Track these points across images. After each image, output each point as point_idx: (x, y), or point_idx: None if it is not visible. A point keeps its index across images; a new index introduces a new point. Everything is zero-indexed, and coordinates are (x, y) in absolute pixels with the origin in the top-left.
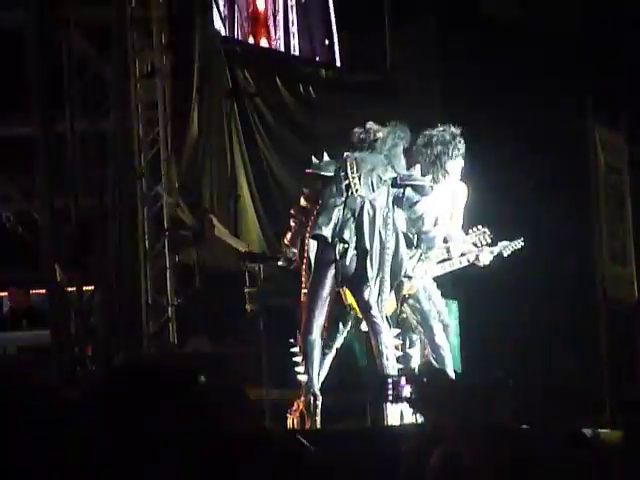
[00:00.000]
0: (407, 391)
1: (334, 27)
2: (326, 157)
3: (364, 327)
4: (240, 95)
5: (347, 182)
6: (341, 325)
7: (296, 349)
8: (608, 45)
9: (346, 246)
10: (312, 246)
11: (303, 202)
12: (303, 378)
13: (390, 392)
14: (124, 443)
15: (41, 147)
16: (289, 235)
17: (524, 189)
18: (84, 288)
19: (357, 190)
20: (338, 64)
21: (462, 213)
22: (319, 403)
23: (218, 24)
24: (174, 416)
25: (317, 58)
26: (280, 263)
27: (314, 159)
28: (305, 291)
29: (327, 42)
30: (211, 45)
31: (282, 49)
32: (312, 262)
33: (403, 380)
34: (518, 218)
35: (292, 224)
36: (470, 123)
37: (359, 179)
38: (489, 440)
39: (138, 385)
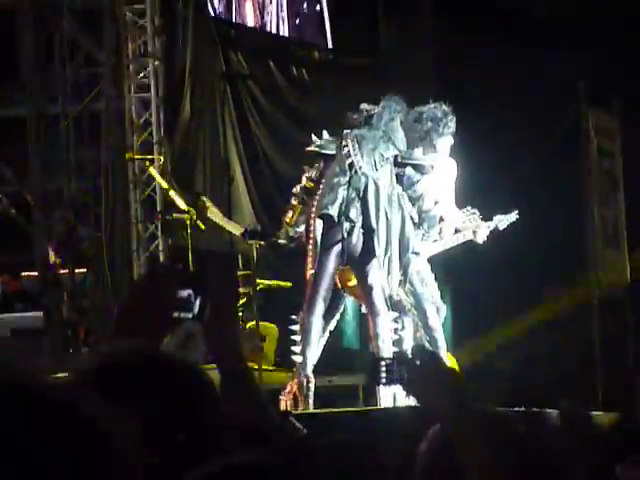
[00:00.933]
0: (400, 373)
1: (325, 12)
2: (326, 135)
3: (364, 309)
4: (233, 78)
5: (350, 160)
6: (335, 308)
7: (296, 327)
8: (603, 29)
9: (353, 225)
10: (318, 226)
11: (305, 182)
12: (298, 359)
13: (383, 374)
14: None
15: (34, 129)
16: (290, 214)
17: (518, 172)
18: (76, 270)
19: (361, 168)
20: (330, 47)
21: (453, 190)
22: (312, 385)
23: (214, 6)
24: (175, 401)
25: (308, 40)
26: (281, 241)
27: (314, 137)
28: (312, 271)
29: (318, 26)
30: (204, 27)
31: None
32: (318, 242)
33: (396, 362)
34: (512, 201)
35: (294, 203)
36: (463, 106)
37: (362, 157)
38: (482, 424)
39: (134, 370)
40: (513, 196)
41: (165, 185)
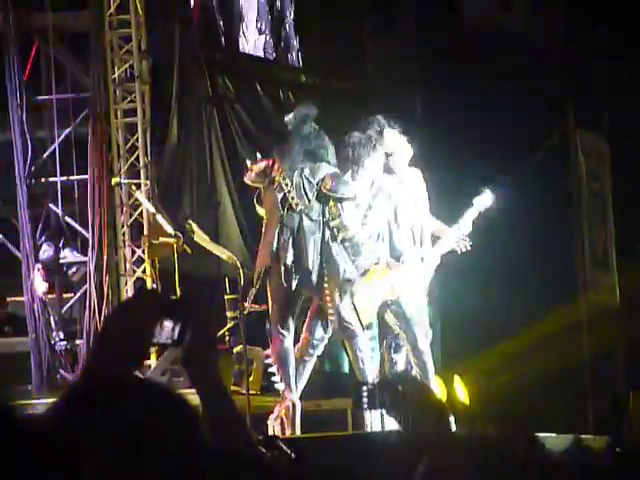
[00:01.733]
0: (382, 398)
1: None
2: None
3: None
4: (220, 101)
5: (283, 194)
6: (322, 332)
7: (270, 360)
8: (590, 47)
9: (291, 266)
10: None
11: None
12: (280, 387)
13: (365, 399)
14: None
15: (20, 153)
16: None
17: (507, 193)
18: (64, 295)
19: (297, 205)
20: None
21: (425, 198)
22: (298, 410)
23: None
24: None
25: (293, 61)
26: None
27: (249, 163)
28: (271, 303)
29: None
30: (190, 51)
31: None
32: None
33: (378, 387)
34: (500, 222)
35: None
36: (450, 126)
37: (295, 189)
38: (470, 451)
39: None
40: (501, 215)
41: (152, 209)
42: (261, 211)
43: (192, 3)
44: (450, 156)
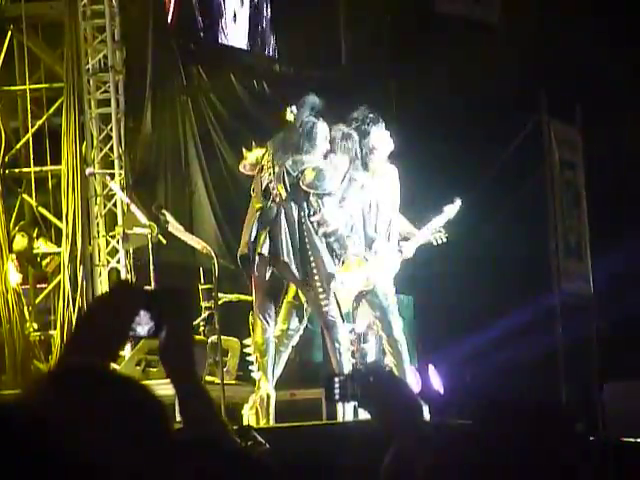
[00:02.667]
0: (353, 390)
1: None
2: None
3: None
4: (194, 91)
5: (266, 184)
6: (297, 322)
7: (249, 349)
8: (562, 39)
9: (266, 257)
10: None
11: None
12: (256, 376)
13: (337, 391)
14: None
15: None
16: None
17: (479, 183)
18: (38, 286)
19: (276, 196)
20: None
21: (397, 195)
22: (272, 401)
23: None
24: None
25: (269, 54)
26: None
27: (244, 151)
28: (254, 294)
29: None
30: (164, 41)
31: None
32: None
33: (349, 379)
34: (473, 213)
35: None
36: (423, 119)
37: (276, 179)
38: (440, 439)
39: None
40: (474, 207)
41: (126, 199)
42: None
43: None
44: (427, 142)
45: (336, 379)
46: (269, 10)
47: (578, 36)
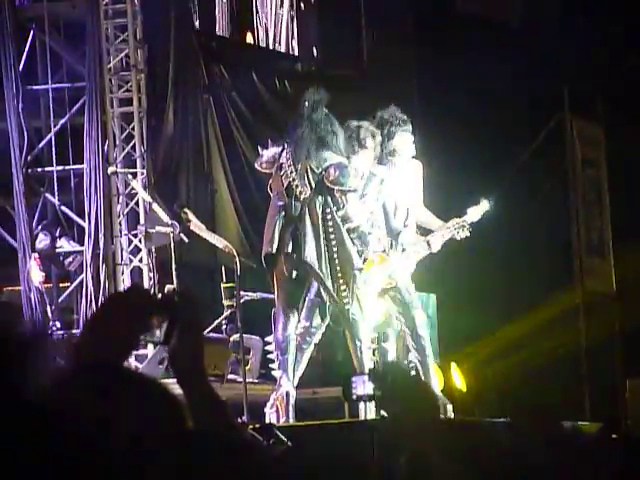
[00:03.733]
0: (370, 389)
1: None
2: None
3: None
4: (216, 90)
5: (288, 182)
6: (319, 320)
7: (271, 346)
8: (586, 37)
9: (290, 255)
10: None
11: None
12: (277, 374)
13: (354, 391)
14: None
15: (16, 143)
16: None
17: (502, 179)
18: (60, 285)
19: (300, 193)
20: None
21: (421, 190)
22: (292, 399)
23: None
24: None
25: (292, 53)
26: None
27: (259, 148)
28: (276, 291)
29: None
30: (186, 40)
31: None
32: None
33: (366, 378)
34: (495, 211)
35: None
36: (446, 117)
37: (299, 177)
38: (455, 437)
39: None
40: (496, 205)
41: (148, 198)
42: None
43: None
44: (448, 141)
45: (353, 379)
46: (292, 9)
47: (599, 34)
